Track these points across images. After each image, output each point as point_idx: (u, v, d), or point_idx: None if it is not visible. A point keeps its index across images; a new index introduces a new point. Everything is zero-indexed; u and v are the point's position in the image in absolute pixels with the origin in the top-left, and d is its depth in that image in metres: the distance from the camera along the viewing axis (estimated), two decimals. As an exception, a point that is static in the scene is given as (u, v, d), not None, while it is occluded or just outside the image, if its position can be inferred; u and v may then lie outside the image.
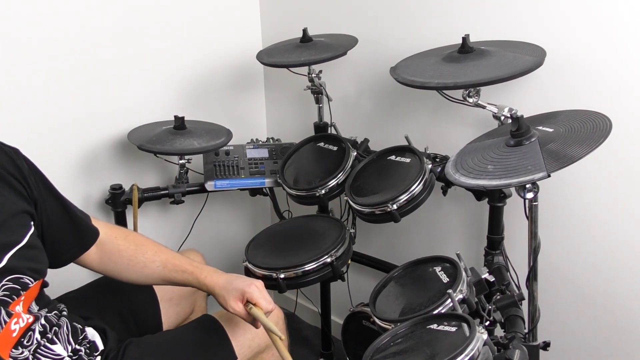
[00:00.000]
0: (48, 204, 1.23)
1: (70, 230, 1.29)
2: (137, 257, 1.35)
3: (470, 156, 1.30)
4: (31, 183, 1.18)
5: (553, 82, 1.51)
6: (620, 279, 1.53)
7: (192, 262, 1.37)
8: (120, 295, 1.46)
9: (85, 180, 1.93)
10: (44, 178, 1.24)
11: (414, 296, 1.41)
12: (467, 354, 1.04)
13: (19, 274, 1.10)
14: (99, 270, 1.37)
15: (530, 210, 1.26)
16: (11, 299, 1.09)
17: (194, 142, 1.80)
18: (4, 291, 1.08)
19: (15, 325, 1.09)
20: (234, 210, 2.37)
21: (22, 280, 1.11)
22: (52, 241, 1.24)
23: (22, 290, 1.11)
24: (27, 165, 1.19)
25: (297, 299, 2.38)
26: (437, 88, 1.39)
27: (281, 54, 1.81)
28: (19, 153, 1.20)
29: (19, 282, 1.11)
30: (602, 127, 1.17)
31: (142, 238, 1.41)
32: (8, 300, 1.09)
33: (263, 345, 1.38)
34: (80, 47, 1.83)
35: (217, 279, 1.32)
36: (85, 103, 1.87)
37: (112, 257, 1.35)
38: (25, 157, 1.20)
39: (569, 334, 1.65)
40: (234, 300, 1.28)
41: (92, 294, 1.47)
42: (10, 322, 1.08)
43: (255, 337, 1.35)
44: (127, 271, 1.36)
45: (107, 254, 1.35)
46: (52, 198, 1.25)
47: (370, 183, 1.63)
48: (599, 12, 1.41)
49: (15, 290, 1.10)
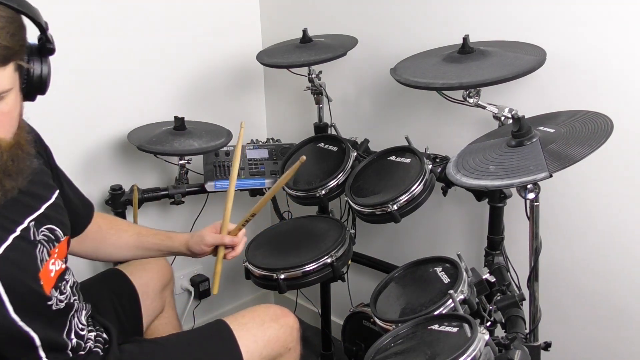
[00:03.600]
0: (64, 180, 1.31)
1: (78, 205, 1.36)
2: (112, 228, 1.45)
3: (471, 157, 1.30)
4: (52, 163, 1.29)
5: (553, 83, 1.51)
6: (621, 279, 1.53)
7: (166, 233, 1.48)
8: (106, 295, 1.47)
9: (85, 180, 1.92)
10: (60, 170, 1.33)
11: (414, 297, 1.41)
12: (469, 355, 1.04)
13: (53, 224, 1.15)
14: (78, 251, 1.43)
15: (532, 210, 1.26)
16: (49, 246, 1.13)
17: (194, 143, 1.80)
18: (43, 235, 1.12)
19: (53, 266, 1.14)
20: (234, 210, 2.36)
21: (56, 232, 1.16)
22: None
23: (56, 241, 1.15)
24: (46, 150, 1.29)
25: (297, 299, 2.38)
26: (441, 89, 1.38)
27: (281, 55, 1.81)
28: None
29: (54, 233, 1.15)
30: (604, 127, 1.17)
31: (119, 222, 1.53)
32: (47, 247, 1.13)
33: (274, 354, 1.36)
34: (80, 48, 1.82)
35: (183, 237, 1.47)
36: (85, 104, 1.87)
37: (90, 235, 1.42)
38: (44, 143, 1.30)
39: (570, 334, 1.65)
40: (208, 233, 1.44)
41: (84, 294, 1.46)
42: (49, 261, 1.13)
43: (267, 345, 1.34)
44: (105, 244, 1.45)
45: (95, 242, 1.43)
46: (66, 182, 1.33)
47: (371, 183, 1.63)
48: (599, 13, 1.41)
49: (50, 240, 1.14)
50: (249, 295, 2.57)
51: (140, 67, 1.99)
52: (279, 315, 1.38)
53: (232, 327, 1.34)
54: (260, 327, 1.34)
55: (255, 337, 1.32)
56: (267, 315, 1.36)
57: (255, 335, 1.32)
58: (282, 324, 1.36)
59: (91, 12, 1.83)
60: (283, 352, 1.37)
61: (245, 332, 1.32)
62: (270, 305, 1.41)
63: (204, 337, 1.34)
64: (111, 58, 1.91)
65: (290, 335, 1.38)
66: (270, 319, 1.36)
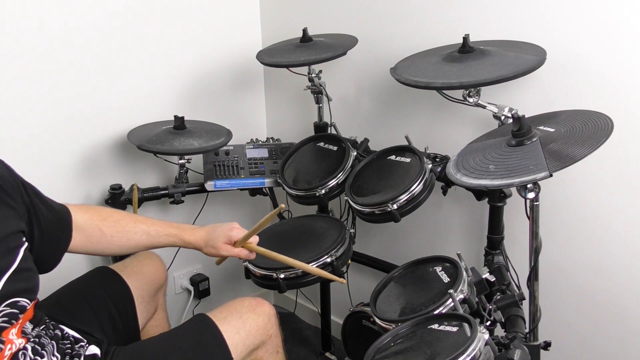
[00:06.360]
0: (39, 208, 1.23)
1: (57, 228, 1.30)
2: (119, 232, 1.42)
3: (471, 156, 1.30)
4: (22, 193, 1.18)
5: (554, 82, 1.51)
6: (622, 278, 1.53)
7: (171, 223, 1.47)
8: (101, 299, 1.46)
9: (85, 180, 1.92)
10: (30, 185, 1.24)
11: (414, 296, 1.41)
12: (469, 354, 1.04)
13: (16, 297, 1.09)
14: (83, 251, 1.42)
15: (532, 210, 1.26)
16: (10, 324, 1.08)
17: (194, 142, 1.80)
18: (3, 317, 1.07)
19: (8, 352, 1.09)
20: (234, 210, 2.37)
21: (20, 304, 1.10)
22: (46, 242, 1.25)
23: (20, 313, 1.10)
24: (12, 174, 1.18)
25: (297, 298, 2.38)
26: (441, 88, 1.38)
27: (281, 54, 1.81)
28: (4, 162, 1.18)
29: (17, 305, 1.10)
30: (604, 127, 1.17)
31: (117, 213, 1.48)
32: (6, 326, 1.08)
33: (257, 342, 1.38)
34: (80, 48, 1.83)
35: (199, 234, 1.45)
36: (85, 103, 1.87)
37: (93, 239, 1.39)
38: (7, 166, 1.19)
39: (570, 333, 1.65)
40: (224, 246, 1.42)
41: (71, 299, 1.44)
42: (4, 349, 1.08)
43: (249, 334, 1.35)
44: (112, 246, 1.42)
45: (89, 237, 1.39)
46: (40, 201, 1.25)
47: (371, 183, 1.63)
48: (599, 12, 1.41)
49: (14, 315, 1.09)
50: (249, 295, 2.56)
51: (140, 66, 1.99)
52: (255, 305, 1.40)
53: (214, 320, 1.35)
54: (240, 319, 1.35)
55: (236, 328, 1.33)
56: (244, 307, 1.38)
57: (237, 327, 1.34)
58: (259, 312, 1.38)
59: (91, 12, 1.83)
60: (265, 339, 1.39)
61: (227, 325, 1.33)
62: (244, 298, 1.41)
63: (189, 330, 1.35)
64: (111, 57, 1.90)
65: (269, 323, 1.40)
66: (247, 310, 1.37)
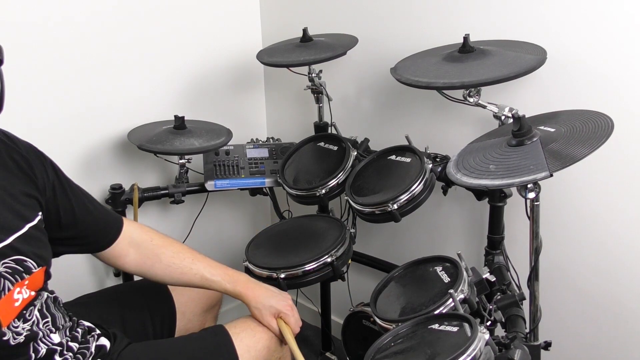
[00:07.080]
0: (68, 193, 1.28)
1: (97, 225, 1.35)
2: (175, 264, 1.41)
3: (471, 156, 1.30)
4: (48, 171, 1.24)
5: (554, 82, 1.51)
6: (622, 278, 1.53)
7: (226, 270, 1.43)
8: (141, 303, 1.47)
9: (85, 180, 1.91)
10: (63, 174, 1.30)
11: (415, 296, 1.41)
12: (469, 354, 1.04)
13: (22, 256, 1.12)
14: (136, 272, 1.43)
15: (532, 210, 1.25)
16: (14, 280, 1.09)
17: (194, 142, 1.80)
18: (6, 268, 1.09)
19: (19, 295, 1.11)
20: (234, 210, 2.37)
21: (26, 263, 1.12)
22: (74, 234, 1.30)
23: (25, 273, 1.12)
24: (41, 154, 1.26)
25: (297, 298, 2.37)
26: (442, 88, 1.38)
27: (281, 54, 1.81)
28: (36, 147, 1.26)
29: (22, 264, 1.12)
30: (604, 127, 1.17)
31: (177, 244, 1.46)
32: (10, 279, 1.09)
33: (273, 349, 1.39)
34: (81, 47, 1.82)
35: (253, 291, 1.41)
36: (85, 103, 1.87)
37: (148, 262, 1.40)
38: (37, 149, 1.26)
39: (571, 333, 1.65)
40: (269, 317, 1.38)
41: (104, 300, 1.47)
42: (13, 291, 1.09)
43: (258, 356, 1.35)
44: (165, 276, 1.42)
45: (145, 257, 1.40)
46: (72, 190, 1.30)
47: (371, 183, 1.62)
48: (600, 12, 1.41)
49: (17, 271, 1.10)
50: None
51: (140, 66, 1.99)
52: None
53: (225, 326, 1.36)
54: (253, 338, 1.36)
55: (248, 347, 1.34)
56: (259, 327, 1.39)
57: (249, 345, 1.34)
58: (272, 335, 1.39)
59: (91, 11, 1.83)
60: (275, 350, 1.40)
61: (239, 342, 1.34)
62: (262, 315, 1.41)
63: (205, 341, 1.35)
64: (111, 57, 1.90)
65: (279, 346, 1.41)
66: (261, 330, 1.38)
